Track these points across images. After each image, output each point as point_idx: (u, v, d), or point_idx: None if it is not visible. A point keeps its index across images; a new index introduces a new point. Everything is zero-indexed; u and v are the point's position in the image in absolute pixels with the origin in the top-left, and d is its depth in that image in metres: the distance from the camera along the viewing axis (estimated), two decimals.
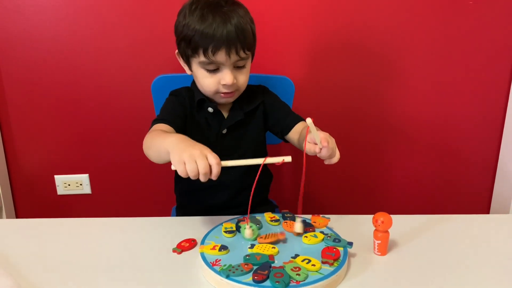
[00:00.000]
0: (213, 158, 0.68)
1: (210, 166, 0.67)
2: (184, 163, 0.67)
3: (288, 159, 0.71)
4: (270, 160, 0.71)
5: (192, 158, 0.66)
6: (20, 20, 1.36)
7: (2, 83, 1.43)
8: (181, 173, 0.67)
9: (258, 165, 1.02)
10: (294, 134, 0.95)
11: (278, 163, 0.71)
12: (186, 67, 0.95)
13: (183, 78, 1.04)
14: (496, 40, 1.37)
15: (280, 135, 1.00)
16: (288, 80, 1.19)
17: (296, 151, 1.49)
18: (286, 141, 1.00)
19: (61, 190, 1.55)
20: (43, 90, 1.44)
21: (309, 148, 0.74)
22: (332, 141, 0.75)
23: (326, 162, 0.78)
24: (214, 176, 0.68)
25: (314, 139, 0.73)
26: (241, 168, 0.98)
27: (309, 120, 0.68)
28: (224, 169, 0.96)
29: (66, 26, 1.36)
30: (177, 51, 0.94)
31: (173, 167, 0.69)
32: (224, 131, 0.96)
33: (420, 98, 1.44)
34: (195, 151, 0.68)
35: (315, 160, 1.59)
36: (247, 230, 0.73)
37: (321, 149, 0.73)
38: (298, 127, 0.94)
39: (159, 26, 1.35)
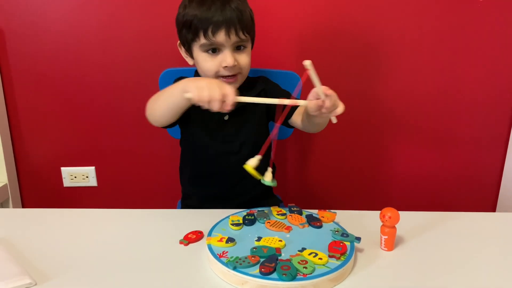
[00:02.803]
0: (229, 88, 0.72)
1: (225, 95, 0.71)
2: (201, 89, 0.71)
3: (302, 102, 0.73)
4: (285, 101, 0.72)
5: (208, 86, 0.71)
6: (27, 14, 1.36)
7: (10, 76, 1.43)
8: (196, 96, 0.71)
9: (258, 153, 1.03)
10: (297, 116, 0.95)
11: (292, 104, 0.73)
12: (188, 58, 0.97)
13: (191, 71, 1.04)
14: (501, 37, 1.36)
15: (284, 121, 1.00)
16: (296, 75, 1.18)
17: (302, 145, 1.49)
18: (291, 126, 1.00)
19: (67, 182, 1.56)
20: (50, 83, 1.44)
21: (312, 105, 0.73)
22: (332, 91, 0.74)
23: (332, 115, 0.75)
24: (228, 105, 0.72)
25: (315, 95, 0.73)
26: (242, 155, 0.99)
27: (307, 62, 0.66)
28: (224, 155, 0.99)
29: (73, 19, 1.37)
30: (178, 42, 0.97)
31: (188, 95, 0.73)
32: (226, 117, 0.97)
33: (428, 95, 1.43)
34: (212, 81, 0.73)
35: (320, 155, 1.58)
36: (268, 173, 0.75)
37: (323, 101, 0.72)
38: (300, 109, 0.95)
39: (166, 19, 1.35)
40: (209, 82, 0.72)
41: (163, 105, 0.83)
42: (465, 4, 1.33)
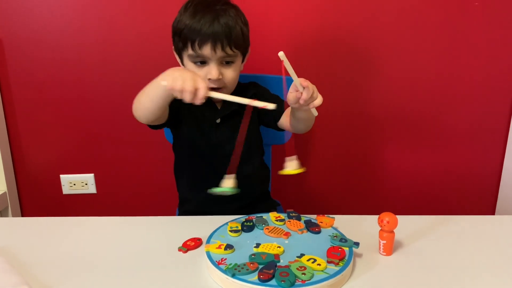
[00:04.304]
0: (201, 82, 0.73)
1: (196, 89, 0.72)
2: (175, 79, 0.72)
3: (271, 106, 0.72)
4: (256, 103, 0.73)
5: (182, 77, 0.72)
6: (26, 20, 1.37)
7: (9, 82, 1.44)
8: (170, 85, 0.72)
9: (254, 154, 1.04)
10: (285, 118, 0.97)
11: (261, 106, 0.72)
12: (181, 64, 0.99)
13: None
14: (498, 34, 1.36)
15: (273, 124, 1.02)
16: (288, 78, 1.19)
17: (300, 149, 1.50)
18: (280, 129, 1.02)
19: (66, 190, 1.56)
20: (49, 90, 1.45)
21: (291, 97, 0.76)
22: (310, 83, 0.76)
23: (311, 106, 0.78)
24: (198, 99, 0.72)
25: (295, 88, 0.75)
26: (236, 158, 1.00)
27: (281, 53, 0.67)
28: (219, 158, 0.98)
29: (73, 25, 1.37)
30: (173, 47, 0.99)
31: (163, 82, 0.74)
32: (218, 121, 0.99)
33: (424, 98, 1.44)
34: (187, 73, 0.73)
35: (318, 159, 1.59)
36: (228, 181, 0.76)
37: (301, 93, 0.74)
38: (288, 111, 0.96)
39: (166, 24, 1.35)
40: (183, 73, 0.73)
41: (147, 97, 0.83)
42: (462, 2, 1.34)
